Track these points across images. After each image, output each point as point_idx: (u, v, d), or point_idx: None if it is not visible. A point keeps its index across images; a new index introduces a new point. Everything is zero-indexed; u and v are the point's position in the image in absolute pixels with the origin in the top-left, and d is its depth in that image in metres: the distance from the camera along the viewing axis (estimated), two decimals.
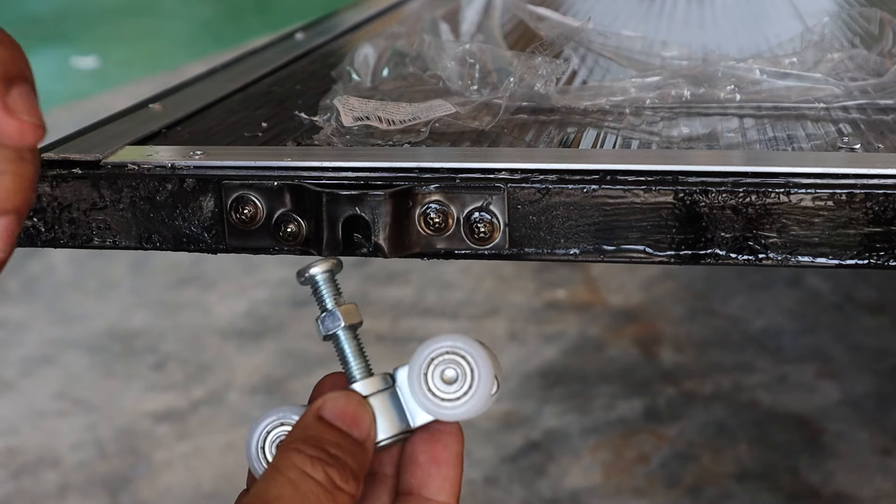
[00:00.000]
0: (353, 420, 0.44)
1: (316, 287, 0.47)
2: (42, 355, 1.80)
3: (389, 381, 0.46)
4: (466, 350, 0.45)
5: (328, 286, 0.47)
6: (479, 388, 0.45)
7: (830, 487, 1.38)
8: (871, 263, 0.49)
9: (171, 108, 0.69)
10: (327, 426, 0.44)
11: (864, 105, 0.65)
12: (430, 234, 0.51)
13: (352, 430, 0.44)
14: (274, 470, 0.42)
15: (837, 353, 1.68)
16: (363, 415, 0.44)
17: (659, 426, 1.52)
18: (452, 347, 0.45)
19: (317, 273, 0.47)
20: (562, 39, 0.70)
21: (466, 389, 0.45)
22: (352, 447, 0.43)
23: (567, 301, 1.90)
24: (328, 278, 0.47)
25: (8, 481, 1.47)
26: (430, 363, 0.45)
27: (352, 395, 0.45)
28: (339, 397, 0.45)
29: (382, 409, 0.46)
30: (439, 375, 0.45)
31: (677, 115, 0.64)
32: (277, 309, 1.92)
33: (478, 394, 0.45)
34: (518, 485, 1.41)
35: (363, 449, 0.44)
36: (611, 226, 0.50)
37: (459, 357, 0.45)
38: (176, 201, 0.54)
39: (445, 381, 0.45)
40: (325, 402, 0.44)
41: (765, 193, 0.49)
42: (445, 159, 0.54)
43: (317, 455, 0.42)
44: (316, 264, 0.47)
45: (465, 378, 0.45)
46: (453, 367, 0.45)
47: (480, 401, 0.45)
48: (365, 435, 0.44)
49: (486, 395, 0.45)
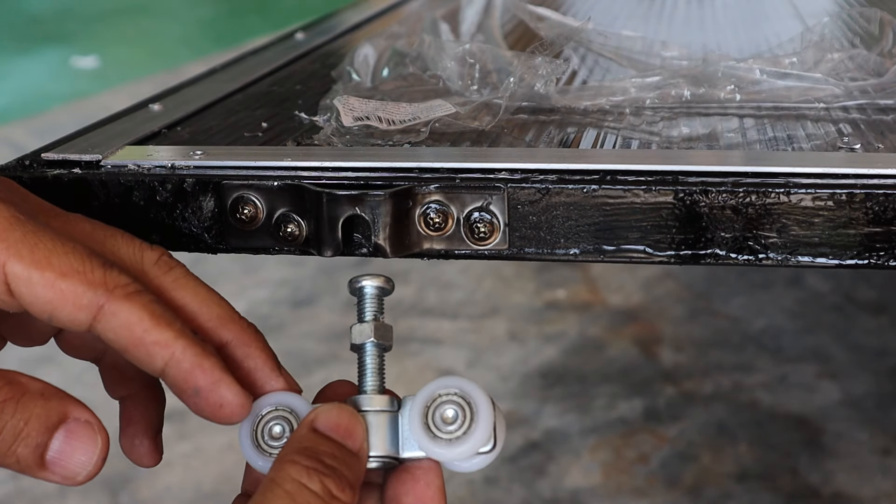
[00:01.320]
0: (346, 432, 0.44)
1: (362, 298, 0.49)
2: (42, 355, 1.80)
3: (394, 406, 0.47)
4: (475, 399, 0.46)
5: (374, 301, 0.49)
6: (472, 436, 0.45)
7: (830, 487, 1.38)
8: (871, 263, 0.49)
9: (171, 108, 0.69)
10: (322, 437, 0.44)
11: (864, 105, 0.65)
12: (430, 234, 0.51)
13: (346, 442, 0.44)
14: (271, 482, 0.42)
15: (837, 353, 1.68)
16: (356, 426, 0.45)
17: (659, 426, 1.52)
18: (462, 392, 0.46)
19: (366, 286, 0.49)
20: (562, 39, 0.70)
21: (460, 434, 0.46)
22: (347, 457, 0.44)
23: (567, 301, 1.90)
24: (376, 294, 0.49)
25: (8, 481, 1.47)
26: (436, 399, 0.46)
27: (344, 407, 0.46)
28: (332, 409, 0.45)
29: (378, 427, 0.46)
30: (440, 413, 0.46)
31: (677, 115, 0.64)
32: (277, 309, 1.92)
33: (469, 441, 0.45)
34: (518, 485, 1.41)
35: (358, 459, 0.44)
36: (611, 226, 0.50)
37: (465, 403, 0.46)
38: (176, 201, 0.54)
39: (444, 419, 0.46)
40: (317, 414, 0.45)
41: (765, 193, 0.49)
42: (445, 159, 0.54)
43: (313, 466, 0.42)
44: (368, 278, 0.49)
45: (463, 423, 0.46)
46: (455, 410, 0.46)
47: (470, 448, 0.45)
48: (358, 446, 0.45)
49: (477, 444, 0.46)
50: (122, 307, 0.43)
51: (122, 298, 0.43)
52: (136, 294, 0.44)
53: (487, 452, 0.46)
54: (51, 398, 0.44)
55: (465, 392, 0.46)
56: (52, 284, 0.43)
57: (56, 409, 0.44)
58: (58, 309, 0.43)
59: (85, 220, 0.48)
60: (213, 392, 0.44)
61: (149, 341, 0.44)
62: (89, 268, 0.43)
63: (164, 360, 0.44)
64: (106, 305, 0.43)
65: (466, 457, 0.46)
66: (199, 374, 0.44)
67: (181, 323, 0.45)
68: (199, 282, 0.48)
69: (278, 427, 0.47)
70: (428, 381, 0.47)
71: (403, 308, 1.89)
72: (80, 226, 0.47)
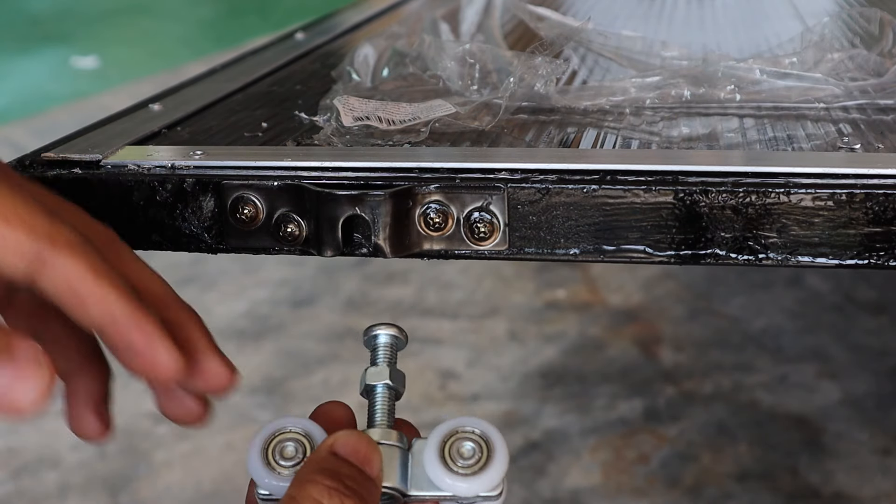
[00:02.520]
0: (364, 458, 0.45)
1: (376, 346, 0.50)
2: None
3: (405, 444, 0.47)
4: (493, 438, 0.47)
5: (387, 349, 0.50)
6: (488, 472, 0.46)
7: (830, 487, 1.38)
8: (871, 263, 0.49)
9: (171, 108, 0.69)
10: (341, 461, 0.44)
11: (864, 105, 0.65)
12: (430, 234, 0.51)
13: (364, 468, 0.45)
14: (290, 500, 0.42)
15: (837, 353, 1.68)
16: (373, 453, 0.45)
17: (659, 426, 1.52)
18: (482, 431, 0.47)
19: (381, 334, 0.50)
20: (562, 39, 0.70)
21: (476, 469, 0.46)
22: (366, 482, 0.44)
23: (567, 301, 1.90)
24: (389, 343, 0.50)
25: (8, 481, 1.47)
26: (455, 434, 0.47)
27: (362, 434, 0.46)
28: (352, 436, 0.45)
29: (389, 461, 0.47)
30: (458, 447, 0.46)
31: (677, 115, 0.64)
32: (277, 309, 1.92)
33: (484, 476, 0.46)
34: (518, 485, 1.41)
35: (375, 486, 0.45)
36: (611, 226, 0.50)
37: (483, 441, 0.46)
38: (176, 201, 0.54)
39: (461, 454, 0.46)
40: (336, 439, 0.45)
41: (765, 193, 0.49)
42: (445, 159, 0.54)
43: (334, 486, 0.43)
44: (383, 327, 0.50)
45: (480, 459, 0.46)
46: (473, 447, 0.46)
47: (485, 483, 0.46)
48: (376, 473, 0.45)
49: (493, 480, 0.46)
50: (65, 259, 0.41)
51: (65, 249, 0.41)
52: (80, 246, 0.42)
53: (494, 498, 0.47)
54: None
55: (484, 431, 0.47)
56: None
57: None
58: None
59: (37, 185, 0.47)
60: (148, 350, 0.42)
61: (88, 296, 0.42)
62: (35, 217, 0.41)
63: (102, 317, 0.42)
64: (48, 256, 0.41)
65: (478, 493, 0.46)
66: (135, 333, 0.42)
67: (123, 281, 0.43)
68: (143, 262, 0.47)
69: (291, 447, 0.47)
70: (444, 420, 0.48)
71: (403, 308, 1.89)
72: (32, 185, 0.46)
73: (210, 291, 1.99)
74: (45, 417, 1.61)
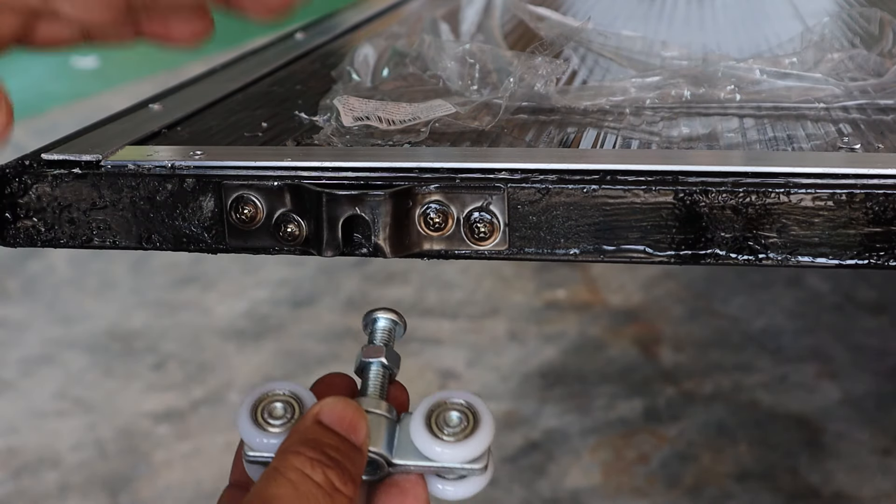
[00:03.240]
0: (350, 426, 0.45)
1: (374, 328, 0.51)
2: (42, 355, 1.80)
3: (393, 415, 0.48)
4: (479, 409, 0.47)
5: (384, 332, 0.50)
6: (474, 440, 0.46)
7: (830, 487, 1.38)
8: (871, 263, 0.49)
9: (171, 108, 0.69)
10: (326, 430, 0.44)
11: (864, 105, 0.65)
12: (430, 234, 0.51)
13: (349, 436, 0.45)
14: (274, 471, 0.42)
15: (837, 353, 1.68)
16: (360, 421, 0.45)
17: (659, 426, 1.52)
18: (468, 402, 0.47)
19: (379, 317, 0.51)
20: (562, 39, 0.70)
21: (462, 437, 0.46)
22: (350, 451, 0.44)
23: (567, 301, 1.90)
24: (387, 326, 0.51)
25: (8, 481, 1.47)
26: (442, 405, 0.47)
27: (349, 401, 0.46)
28: (338, 403, 0.45)
29: (376, 428, 0.47)
30: (444, 416, 0.47)
31: (677, 115, 0.64)
32: (277, 309, 1.92)
33: (470, 444, 0.46)
34: (518, 485, 1.41)
35: (360, 453, 0.45)
36: (611, 226, 0.50)
37: (469, 412, 0.47)
38: (176, 201, 0.54)
39: (447, 422, 0.47)
40: (322, 407, 0.45)
41: (765, 193, 0.49)
42: (445, 159, 0.54)
43: (317, 458, 0.43)
44: (382, 311, 0.51)
45: (466, 428, 0.47)
46: (459, 416, 0.47)
47: (470, 451, 0.46)
48: (361, 441, 0.45)
49: (478, 448, 0.46)
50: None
51: None
52: None
53: (479, 472, 0.47)
54: None
55: (470, 402, 0.47)
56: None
57: None
58: None
59: None
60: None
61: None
62: None
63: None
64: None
65: (464, 461, 0.46)
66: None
67: None
68: None
69: (280, 408, 0.47)
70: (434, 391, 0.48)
71: (403, 308, 1.88)
72: None
73: (210, 291, 1.99)
74: (46, 417, 1.61)
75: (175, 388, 1.68)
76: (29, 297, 2.04)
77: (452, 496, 0.48)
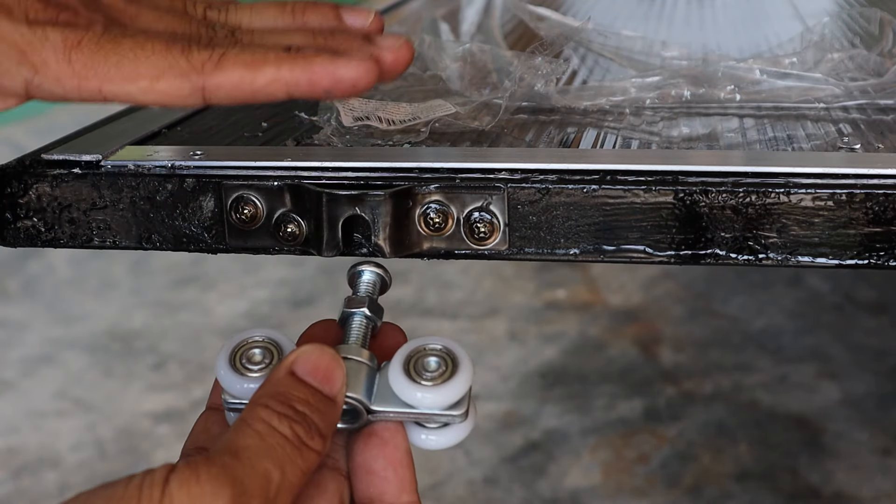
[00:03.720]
0: (324, 376, 0.44)
1: (358, 281, 0.50)
2: (42, 355, 1.80)
3: (374, 363, 0.47)
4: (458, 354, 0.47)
5: (369, 285, 0.50)
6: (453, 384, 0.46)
7: (830, 487, 1.38)
8: (871, 263, 0.49)
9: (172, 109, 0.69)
10: (297, 382, 0.44)
11: (864, 105, 0.65)
12: (430, 234, 0.51)
13: (322, 387, 0.44)
14: (242, 422, 0.42)
15: (837, 353, 1.68)
16: (335, 370, 0.45)
17: (659, 426, 1.52)
18: (446, 348, 0.47)
19: (364, 270, 0.50)
20: (562, 39, 0.70)
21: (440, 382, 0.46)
22: (320, 404, 0.44)
23: (567, 301, 1.90)
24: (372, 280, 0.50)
25: (8, 481, 1.47)
26: (420, 352, 0.47)
27: (326, 349, 0.45)
28: (313, 352, 0.45)
29: (355, 375, 0.46)
30: (423, 362, 0.46)
31: (677, 115, 0.64)
32: (277, 309, 1.92)
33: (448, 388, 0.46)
34: (518, 485, 1.41)
35: (332, 405, 0.44)
36: (611, 226, 0.50)
37: (448, 357, 0.46)
38: (176, 201, 0.54)
39: (426, 367, 0.46)
40: (298, 356, 0.45)
41: (765, 193, 0.49)
42: (445, 159, 0.54)
43: (283, 412, 0.42)
44: (367, 264, 0.50)
45: (444, 373, 0.46)
46: (438, 361, 0.46)
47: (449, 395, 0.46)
48: (336, 391, 0.44)
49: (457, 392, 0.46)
50: (220, 78, 0.45)
51: (214, 71, 0.45)
52: (224, 59, 0.45)
53: (459, 418, 0.46)
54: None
55: (448, 348, 0.47)
56: (152, 90, 0.45)
57: None
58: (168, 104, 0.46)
59: None
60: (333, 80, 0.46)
61: (260, 88, 0.46)
62: (173, 59, 0.45)
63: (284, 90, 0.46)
64: (206, 84, 0.45)
65: (443, 405, 0.46)
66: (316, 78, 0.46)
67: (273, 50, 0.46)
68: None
69: (259, 353, 0.47)
70: None
71: (403, 308, 1.89)
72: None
73: (210, 291, 1.99)
74: (46, 417, 1.61)
75: (175, 388, 1.68)
76: (29, 297, 2.04)
77: (434, 445, 0.47)
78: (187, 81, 0.45)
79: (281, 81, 0.46)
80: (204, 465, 0.39)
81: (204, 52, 0.45)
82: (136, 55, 0.45)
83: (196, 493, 0.38)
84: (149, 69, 0.45)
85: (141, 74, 0.45)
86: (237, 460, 0.40)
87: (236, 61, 0.46)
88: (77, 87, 0.45)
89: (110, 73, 0.45)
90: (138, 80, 0.45)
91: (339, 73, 0.46)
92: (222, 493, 0.39)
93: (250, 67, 0.46)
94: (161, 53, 0.45)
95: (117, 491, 0.38)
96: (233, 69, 0.45)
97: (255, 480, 0.40)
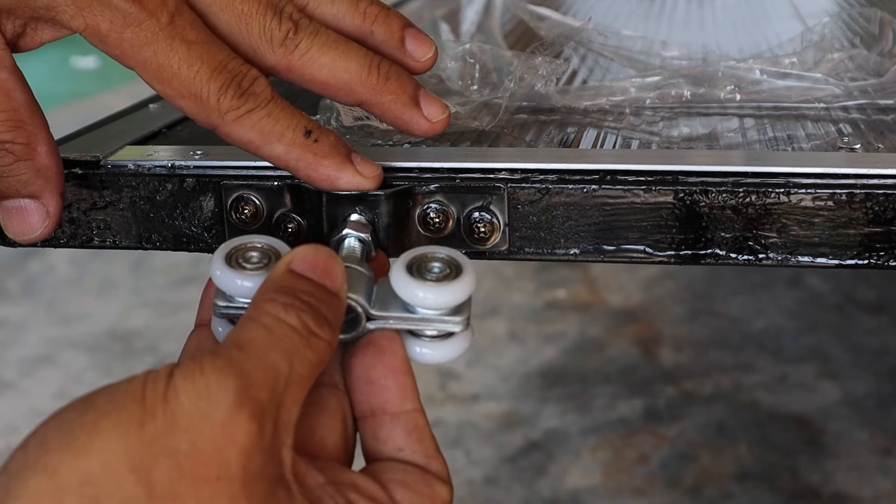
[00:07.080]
0: (324, 271, 0.43)
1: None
2: (42, 355, 1.80)
3: (371, 272, 0.47)
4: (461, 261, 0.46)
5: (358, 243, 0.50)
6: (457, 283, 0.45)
7: (830, 487, 1.38)
8: (871, 263, 0.49)
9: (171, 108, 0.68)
10: (299, 277, 0.43)
11: (864, 105, 0.65)
12: (430, 234, 0.51)
13: (324, 281, 0.43)
14: (247, 318, 0.41)
15: (837, 353, 1.69)
16: (334, 265, 0.43)
17: (659, 426, 1.52)
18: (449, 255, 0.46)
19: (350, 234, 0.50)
20: (562, 39, 0.70)
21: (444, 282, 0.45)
22: (325, 296, 0.42)
23: (567, 301, 1.90)
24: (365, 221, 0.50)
25: None
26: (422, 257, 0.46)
27: (322, 247, 0.44)
28: (310, 249, 0.43)
29: (355, 281, 0.45)
30: (425, 265, 0.46)
31: (677, 115, 0.64)
32: None
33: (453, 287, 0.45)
34: (518, 485, 1.41)
35: (337, 299, 0.43)
36: (611, 226, 0.50)
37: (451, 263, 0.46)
38: (176, 201, 0.54)
39: (428, 269, 0.45)
40: (294, 255, 0.43)
41: (765, 193, 0.49)
42: (445, 159, 0.54)
43: (289, 302, 0.41)
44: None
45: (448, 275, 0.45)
46: (441, 265, 0.46)
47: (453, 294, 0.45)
48: (338, 286, 0.43)
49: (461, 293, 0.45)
50: (234, 131, 0.48)
51: (232, 123, 0.48)
52: (247, 117, 0.48)
53: (459, 324, 0.45)
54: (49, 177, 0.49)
55: (451, 256, 0.46)
56: (174, 100, 0.49)
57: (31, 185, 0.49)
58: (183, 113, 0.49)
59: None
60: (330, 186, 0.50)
61: (264, 156, 0.49)
62: (205, 91, 0.48)
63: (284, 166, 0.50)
64: (219, 128, 0.48)
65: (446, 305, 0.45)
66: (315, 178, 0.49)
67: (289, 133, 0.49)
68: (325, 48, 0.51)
69: (256, 255, 0.46)
70: None
71: None
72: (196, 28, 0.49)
73: None
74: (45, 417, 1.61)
75: None
76: (29, 297, 2.04)
77: (430, 359, 0.46)
78: (205, 116, 0.48)
79: (282, 161, 0.49)
80: (209, 358, 0.38)
81: (236, 101, 0.48)
82: (179, 68, 0.48)
83: (201, 384, 0.37)
84: (180, 86, 0.48)
85: (173, 86, 0.48)
86: (243, 353, 0.39)
87: (255, 125, 0.48)
88: (116, 56, 0.50)
89: (148, 66, 0.48)
90: (167, 87, 0.48)
91: (338, 183, 0.49)
92: (227, 385, 0.37)
93: (264, 137, 0.48)
94: (201, 79, 0.48)
95: (120, 387, 0.38)
96: (248, 131, 0.48)
97: (262, 372, 0.38)
